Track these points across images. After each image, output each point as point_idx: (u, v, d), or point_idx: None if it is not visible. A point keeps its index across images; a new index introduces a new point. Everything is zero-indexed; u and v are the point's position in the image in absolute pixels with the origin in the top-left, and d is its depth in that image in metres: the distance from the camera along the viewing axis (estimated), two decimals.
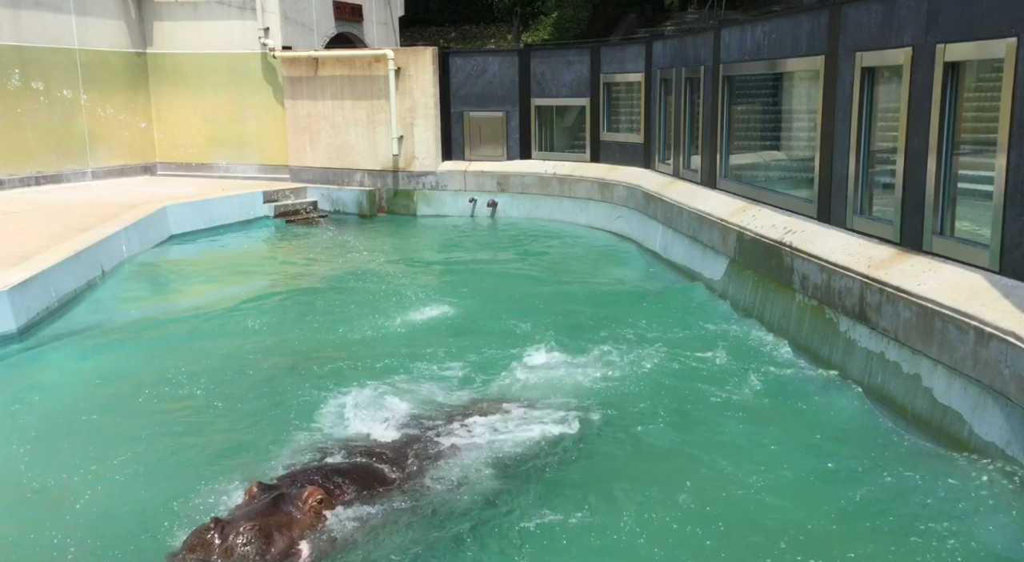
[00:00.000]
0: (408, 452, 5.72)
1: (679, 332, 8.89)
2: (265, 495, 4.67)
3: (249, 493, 4.75)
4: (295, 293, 11.19)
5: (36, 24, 16.86)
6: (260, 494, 4.69)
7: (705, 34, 11.87)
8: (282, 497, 4.66)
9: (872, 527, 4.96)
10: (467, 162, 17.26)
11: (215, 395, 7.21)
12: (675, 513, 5.11)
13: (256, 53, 18.38)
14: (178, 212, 14.66)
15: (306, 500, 4.67)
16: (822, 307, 7.68)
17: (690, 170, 12.51)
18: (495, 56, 17.26)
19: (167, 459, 5.99)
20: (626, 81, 15.36)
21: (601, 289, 11.21)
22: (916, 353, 6.22)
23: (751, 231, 9.27)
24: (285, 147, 18.53)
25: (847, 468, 5.73)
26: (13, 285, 8.76)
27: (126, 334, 9.13)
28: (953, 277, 6.13)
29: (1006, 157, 5.77)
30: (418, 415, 6.47)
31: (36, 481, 5.66)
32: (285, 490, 4.73)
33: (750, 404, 6.89)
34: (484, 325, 9.25)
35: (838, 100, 8.13)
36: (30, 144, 16.99)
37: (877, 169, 7.70)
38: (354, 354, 8.18)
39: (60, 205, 14.36)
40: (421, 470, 5.52)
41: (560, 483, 5.53)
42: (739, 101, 11.05)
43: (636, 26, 25.37)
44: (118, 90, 18.57)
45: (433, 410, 6.61)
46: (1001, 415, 5.32)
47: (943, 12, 6.50)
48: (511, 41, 26.21)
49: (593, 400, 6.86)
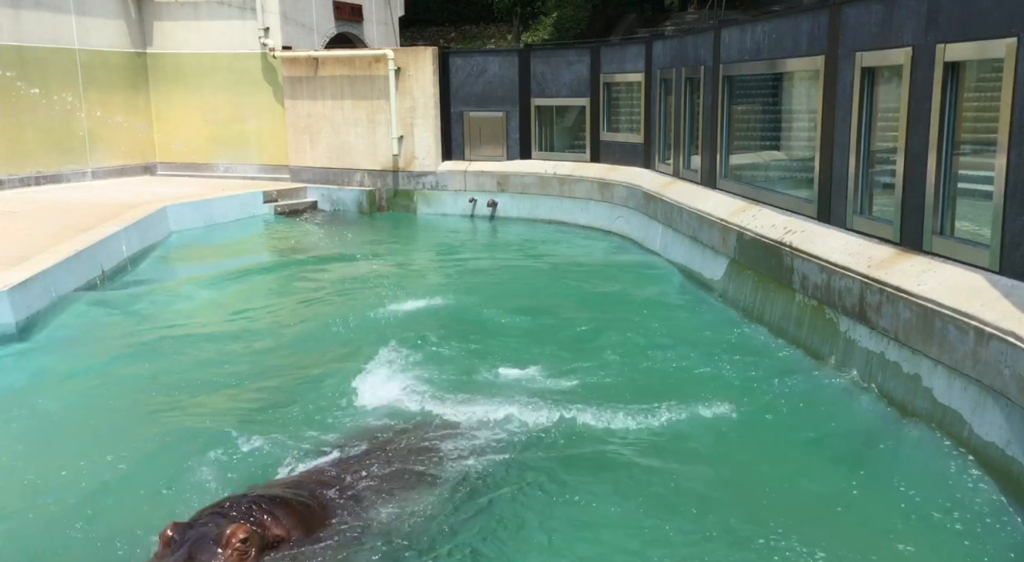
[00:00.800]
0: (362, 472, 5.09)
1: (678, 332, 8.88)
2: (180, 540, 4.03)
3: (163, 539, 4.08)
4: (293, 293, 11.19)
5: (36, 24, 16.86)
6: (176, 536, 4.05)
7: (705, 34, 11.87)
8: (199, 544, 4.00)
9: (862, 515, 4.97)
10: (467, 162, 17.26)
11: (200, 399, 7.19)
12: (670, 516, 5.10)
13: (256, 53, 18.38)
14: (178, 212, 14.67)
15: (227, 541, 4.01)
16: (822, 307, 7.68)
17: (690, 170, 12.50)
18: (495, 56, 17.26)
19: (151, 462, 5.98)
20: (626, 81, 15.36)
21: (600, 289, 11.19)
22: (916, 353, 6.22)
23: (751, 231, 9.27)
24: (285, 147, 18.54)
25: (847, 466, 5.74)
26: (13, 285, 8.76)
27: (125, 335, 9.12)
28: (953, 277, 6.13)
29: (1006, 157, 5.77)
30: (382, 427, 6.15)
31: (28, 478, 5.67)
32: (203, 530, 4.09)
33: (750, 404, 6.88)
34: (478, 326, 9.17)
35: (838, 100, 8.13)
36: (30, 144, 16.99)
37: (877, 169, 7.70)
38: (331, 358, 8.11)
39: (60, 205, 14.36)
40: (375, 493, 4.88)
41: (536, 487, 5.43)
42: (739, 101, 11.05)
43: (636, 26, 25.36)
44: (118, 90, 18.57)
45: (400, 423, 6.28)
46: (1001, 415, 5.31)
47: (943, 12, 6.50)
48: (511, 41, 26.21)
49: (585, 400, 6.82)
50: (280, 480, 5.08)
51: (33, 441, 6.33)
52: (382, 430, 6.09)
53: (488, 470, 5.54)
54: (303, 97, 18.09)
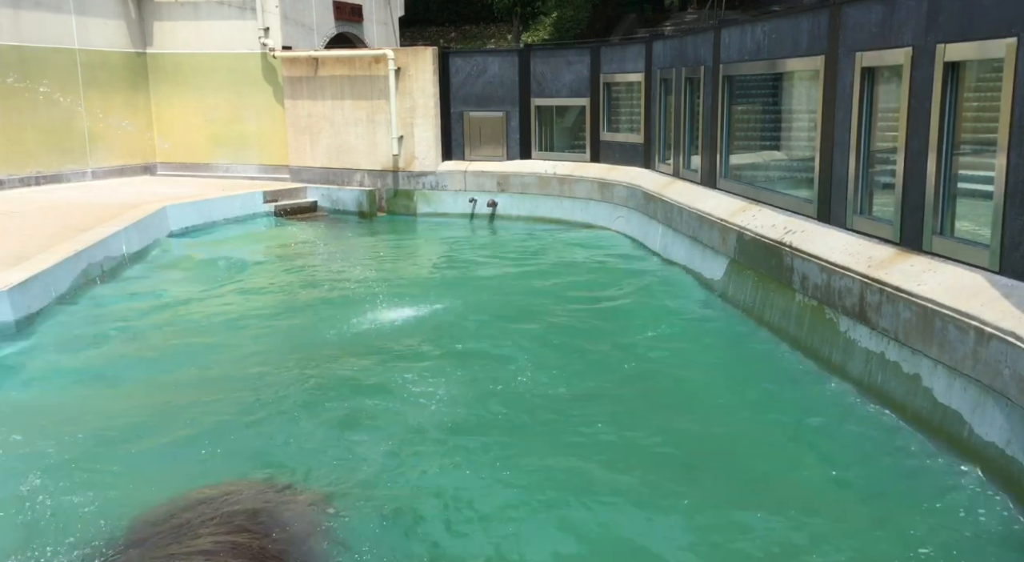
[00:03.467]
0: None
1: (676, 331, 8.88)
2: None
3: None
4: (293, 293, 11.18)
5: (36, 24, 16.86)
6: None
7: (705, 34, 11.87)
8: None
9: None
10: (467, 162, 17.25)
11: (198, 398, 7.19)
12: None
13: (256, 53, 18.38)
14: (178, 212, 14.66)
15: None
16: (822, 307, 7.67)
17: (690, 170, 12.50)
18: (495, 56, 17.25)
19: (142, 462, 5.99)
20: (626, 81, 15.35)
21: (598, 289, 11.19)
22: (916, 353, 6.22)
23: (751, 231, 9.27)
24: (285, 147, 18.53)
25: (846, 464, 5.73)
26: (13, 285, 8.76)
27: (125, 334, 9.13)
28: (953, 277, 6.13)
29: (1006, 157, 5.77)
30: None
31: (28, 478, 5.67)
32: None
33: (748, 404, 6.89)
34: (473, 329, 9.14)
35: (838, 100, 8.13)
36: (30, 144, 16.99)
37: (877, 169, 7.70)
38: (331, 358, 8.09)
39: (60, 205, 14.36)
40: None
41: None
42: (739, 101, 11.05)
43: (636, 26, 25.35)
44: (118, 90, 18.56)
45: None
46: (1001, 415, 5.31)
47: (943, 12, 6.50)
48: (511, 41, 26.21)
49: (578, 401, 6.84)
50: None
51: (33, 440, 6.33)
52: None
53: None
54: (303, 97, 18.09)
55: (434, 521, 5.08)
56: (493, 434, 6.32)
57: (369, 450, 6.06)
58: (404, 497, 5.36)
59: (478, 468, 5.77)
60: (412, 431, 6.38)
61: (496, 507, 5.25)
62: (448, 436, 6.28)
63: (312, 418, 6.63)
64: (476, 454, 5.99)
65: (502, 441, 6.20)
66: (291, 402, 6.97)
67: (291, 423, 6.55)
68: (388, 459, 5.92)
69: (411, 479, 5.63)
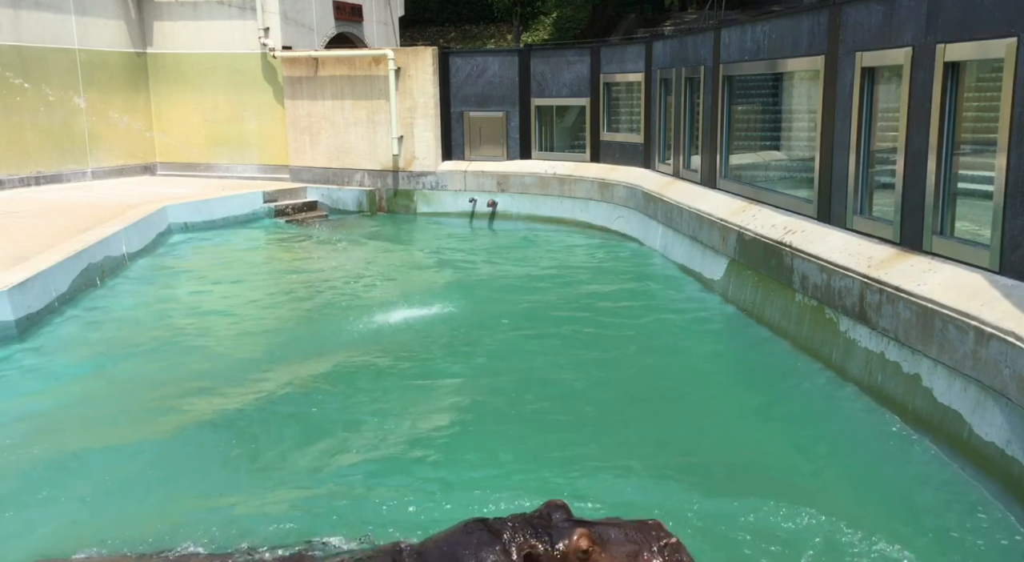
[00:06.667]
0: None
1: (676, 332, 8.88)
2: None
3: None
4: (293, 293, 11.19)
5: (36, 24, 16.86)
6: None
7: (705, 34, 11.87)
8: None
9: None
10: (467, 162, 17.25)
11: (198, 398, 7.18)
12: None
13: (256, 53, 18.38)
14: (178, 212, 14.65)
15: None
16: (822, 307, 7.67)
17: (690, 170, 12.50)
18: (495, 56, 17.25)
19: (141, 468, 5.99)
20: (626, 81, 15.35)
21: (598, 290, 11.20)
22: (916, 353, 6.22)
23: (751, 231, 9.27)
24: (285, 147, 18.53)
25: (846, 469, 5.73)
26: (13, 285, 8.76)
27: (124, 334, 9.12)
28: (953, 277, 6.13)
29: (1006, 157, 5.77)
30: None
31: (27, 477, 5.67)
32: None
33: (748, 404, 6.89)
34: (472, 329, 9.13)
35: (838, 100, 8.13)
36: (30, 144, 16.99)
37: (877, 169, 7.70)
38: (330, 359, 8.07)
39: (60, 205, 14.36)
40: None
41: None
42: (739, 101, 11.05)
43: (636, 26, 25.37)
44: (118, 90, 18.56)
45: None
46: (1001, 415, 5.31)
47: (943, 12, 6.50)
48: (511, 41, 26.23)
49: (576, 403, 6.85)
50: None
51: (32, 440, 6.33)
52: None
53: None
54: (303, 97, 18.08)
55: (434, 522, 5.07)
56: (494, 434, 6.32)
57: (370, 451, 6.06)
58: (407, 494, 5.36)
59: (485, 468, 5.78)
60: (412, 431, 6.39)
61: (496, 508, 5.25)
62: (447, 436, 6.28)
63: (313, 420, 6.61)
64: (481, 453, 6.00)
65: (503, 441, 6.21)
66: (292, 404, 6.96)
67: (291, 426, 6.54)
68: (389, 459, 5.92)
69: (414, 475, 5.64)
